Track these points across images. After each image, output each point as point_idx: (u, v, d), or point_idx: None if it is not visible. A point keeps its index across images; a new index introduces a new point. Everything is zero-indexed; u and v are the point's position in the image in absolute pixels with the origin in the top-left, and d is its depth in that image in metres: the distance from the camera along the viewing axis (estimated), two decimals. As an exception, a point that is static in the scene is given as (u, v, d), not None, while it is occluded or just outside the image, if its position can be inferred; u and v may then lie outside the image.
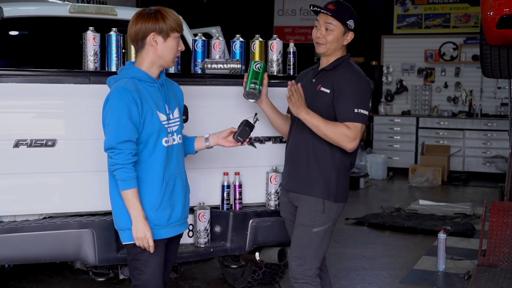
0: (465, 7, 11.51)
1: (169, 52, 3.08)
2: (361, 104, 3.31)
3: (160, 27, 3.03)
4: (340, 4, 3.40)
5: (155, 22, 3.04)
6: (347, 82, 3.35)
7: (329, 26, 3.38)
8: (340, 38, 3.41)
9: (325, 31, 3.39)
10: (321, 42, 3.41)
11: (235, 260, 4.44)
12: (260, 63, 3.61)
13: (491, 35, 5.01)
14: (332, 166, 3.39)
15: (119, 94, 2.98)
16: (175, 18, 3.07)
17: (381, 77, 12.08)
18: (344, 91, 3.33)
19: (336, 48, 3.42)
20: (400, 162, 11.40)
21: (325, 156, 3.39)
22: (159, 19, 3.04)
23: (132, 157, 2.97)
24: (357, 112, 3.30)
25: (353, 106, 3.30)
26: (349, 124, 3.29)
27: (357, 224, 7.45)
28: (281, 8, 12.76)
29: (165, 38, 3.05)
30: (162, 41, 3.05)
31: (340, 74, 3.38)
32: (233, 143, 3.40)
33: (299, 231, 3.45)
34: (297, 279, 3.45)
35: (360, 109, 3.30)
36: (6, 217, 3.46)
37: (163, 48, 3.06)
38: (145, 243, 3.01)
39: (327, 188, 3.39)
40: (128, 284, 4.87)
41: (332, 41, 3.39)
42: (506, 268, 5.12)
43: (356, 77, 3.39)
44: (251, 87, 3.52)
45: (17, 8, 4.66)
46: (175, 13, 3.11)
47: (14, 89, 3.39)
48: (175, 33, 3.06)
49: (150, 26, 3.04)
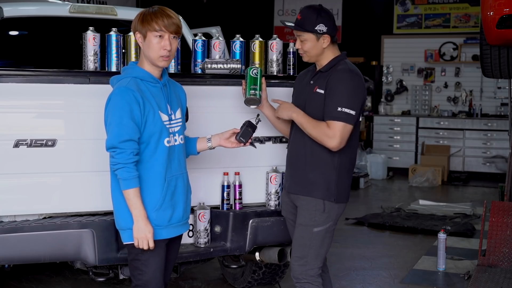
0: (465, 7, 11.51)
1: (149, 50, 3.07)
2: (346, 103, 3.30)
3: (139, 27, 3.07)
4: (306, 12, 3.41)
5: (136, 22, 3.09)
6: (337, 81, 3.35)
7: (301, 37, 3.43)
8: (316, 44, 3.41)
9: (300, 43, 3.45)
10: (301, 53, 3.48)
11: (235, 260, 4.44)
12: (256, 68, 3.60)
13: (491, 35, 5.01)
14: (331, 167, 3.39)
15: (121, 93, 2.98)
16: (160, 19, 3.03)
17: (381, 77, 12.08)
18: (333, 90, 3.34)
19: (318, 54, 3.44)
20: (400, 162, 11.40)
21: (324, 157, 3.39)
22: (139, 19, 3.08)
23: (134, 157, 2.97)
24: (340, 111, 3.29)
25: (337, 105, 3.30)
26: (330, 122, 3.30)
27: (357, 224, 7.45)
28: (281, 8, 12.76)
29: (144, 38, 3.07)
30: (142, 40, 3.08)
31: (334, 74, 3.39)
32: (235, 144, 3.41)
33: (300, 231, 3.45)
34: (299, 279, 3.45)
35: (343, 108, 3.29)
36: (6, 217, 3.46)
37: (144, 46, 3.09)
38: (145, 244, 3.01)
39: (327, 189, 3.39)
40: (128, 284, 4.87)
41: (309, 49, 3.43)
42: (506, 268, 5.12)
43: (348, 76, 3.37)
44: (251, 93, 3.53)
45: (17, 8, 4.65)
46: (167, 14, 3.06)
47: (14, 89, 3.39)
48: (153, 32, 3.04)
49: (133, 25, 3.12)
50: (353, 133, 3.40)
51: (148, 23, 3.04)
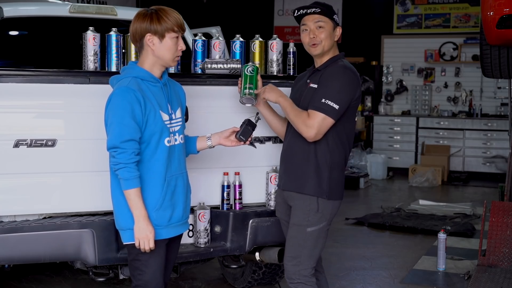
0: (465, 7, 11.51)
1: (166, 53, 3.07)
2: (332, 97, 3.28)
3: (155, 28, 3.03)
4: (321, 3, 3.44)
5: (150, 23, 3.03)
6: (328, 75, 3.35)
7: (320, 23, 3.40)
8: (332, 34, 3.43)
9: (317, 31, 3.40)
10: (316, 42, 3.41)
11: (235, 260, 4.44)
12: (252, 66, 3.57)
13: (491, 35, 5.01)
14: (324, 163, 3.38)
15: (121, 93, 2.98)
16: (173, 18, 3.05)
17: (381, 77, 12.08)
18: (322, 82, 3.34)
19: (330, 45, 3.43)
20: (400, 162, 11.40)
21: (318, 153, 3.38)
22: (153, 19, 3.03)
23: (135, 156, 2.97)
24: (323, 103, 3.27)
25: (322, 96, 3.29)
26: (311, 111, 3.30)
27: (357, 224, 7.45)
28: (281, 8, 12.76)
29: (161, 39, 3.04)
30: (158, 42, 3.04)
31: (328, 69, 3.40)
32: (235, 143, 3.41)
33: (294, 231, 3.44)
34: (292, 279, 3.44)
35: (328, 101, 3.27)
36: (6, 217, 3.46)
37: (160, 49, 3.05)
38: (146, 244, 3.01)
39: (320, 185, 3.38)
40: (128, 284, 4.87)
41: (326, 37, 3.40)
42: (506, 268, 5.12)
43: (341, 71, 3.36)
44: (245, 92, 3.50)
45: (17, 8, 4.65)
46: (175, 13, 3.09)
47: (14, 89, 3.39)
48: (171, 33, 3.04)
49: (145, 27, 3.04)
50: (347, 130, 3.41)
51: (167, 23, 3.02)
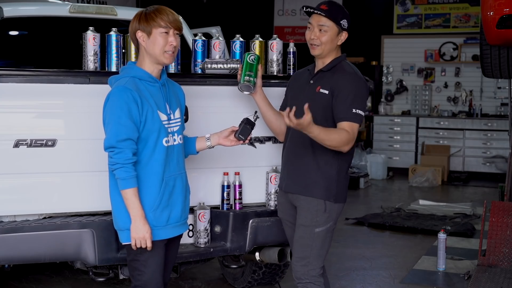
0: (465, 7, 11.51)
1: (155, 47, 3.07)
2: (358, 105, 3.32)
3: (142, 26, 3.07)
4: (332, 4, 3.40)
5: (138, 21, 3.09)
6: (346, 83, 3.35)
7: (323, 27, 3.37)
8: (334, 38, 3.39)
9: (319, 32, 3.39)
10: (316, 44, 3.40)
11: (235, 260, 4.44)
12: (254, 55, 3.58)
13: (491, 35, 5.01)
14: (332, 167, 3.40)
15: (119, 93, 2.98)
16: (162, 15, 3.06)
17: (381, 77, 12.08)
18: (342, 91, 3.33)
19: (331, 49, 3.41)
20: (400, 162, 11.40)
21: (326, 157, 3.39)
22: (142, 17, 3.08)
23: (132, 157, 2.97)
24: (355, 113, 3.31)
25: (351, 106, 3.30)
26: (347, 125, 3.29)
27: (357, 224, 7.45)
28: (281, 8, 12.76)
29: (148, 35, 3.07)
30: (147, 38, 3.08)
31: (339, 75, 3.38)
32: (235, 142, 3.40)
33: (301, 232, 3.45)
34: (301, 279, 3.45)
35: (357, 110, 3.31)
36: (6, 217, 3.46)
37: (149, 44, 3.08)
38: (143, 244, 3.01)
39: (328, 189, 3.39)
40: (128, 284, 4.87)
41: (326, 41, 3.38)
42: (506, 268, 5.12)
43: (354, 78, 3.39)
44: (245, 79, 3.51)
45: (17, 8, 4.65)
46: (168, 10, 3.10)
47: (14, 89, 3.39)
48: (158, 29, 3.05)
49: (135, 25, 3.11)
50: None
51: (153, 20, 3.05)
